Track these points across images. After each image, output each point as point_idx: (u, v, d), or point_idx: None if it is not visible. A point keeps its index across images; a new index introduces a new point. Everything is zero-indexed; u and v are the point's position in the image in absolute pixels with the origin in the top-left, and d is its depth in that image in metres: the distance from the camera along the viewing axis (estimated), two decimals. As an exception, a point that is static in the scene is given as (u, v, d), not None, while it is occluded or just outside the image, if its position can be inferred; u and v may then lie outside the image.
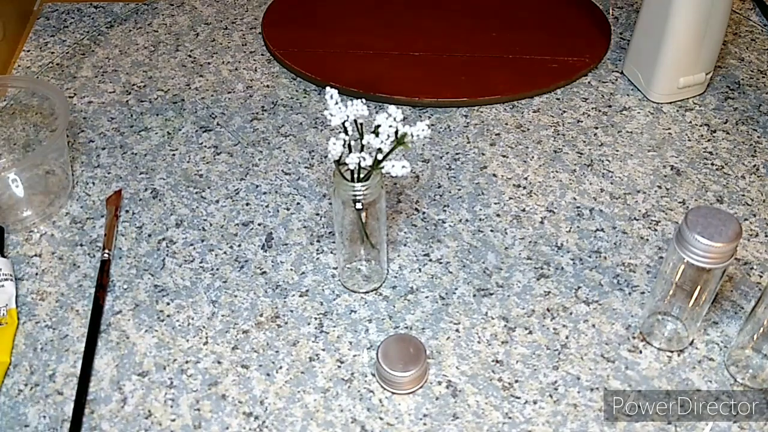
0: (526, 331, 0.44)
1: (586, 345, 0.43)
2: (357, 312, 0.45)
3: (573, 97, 0.62)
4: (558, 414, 0.40)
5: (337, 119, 0.37)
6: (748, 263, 0.48)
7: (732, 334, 0.44)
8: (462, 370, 0.42)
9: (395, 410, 0.40)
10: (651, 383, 0.41)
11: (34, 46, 0.68)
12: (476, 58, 0.65)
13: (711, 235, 0.36)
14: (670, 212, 0.52)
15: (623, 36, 0.69)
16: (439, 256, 0.49)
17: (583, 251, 0.49)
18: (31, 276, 0.48)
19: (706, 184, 0.54)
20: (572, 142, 0.58)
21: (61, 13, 0.72)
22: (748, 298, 0.46)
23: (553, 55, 0.65)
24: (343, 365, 0.42)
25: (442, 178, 0.54)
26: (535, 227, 0.51)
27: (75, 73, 0.65)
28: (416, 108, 0.61)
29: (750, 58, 0.66)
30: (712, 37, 0.58)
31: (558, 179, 0.54)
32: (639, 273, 0.47)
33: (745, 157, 0.56)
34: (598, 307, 0.45)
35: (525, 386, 0.41)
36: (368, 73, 0.63)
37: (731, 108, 0.61)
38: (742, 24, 0.70)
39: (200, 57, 0.67)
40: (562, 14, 0.71)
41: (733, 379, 0.42)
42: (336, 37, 0.67)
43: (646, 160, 0.56)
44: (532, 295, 0.46)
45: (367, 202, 0.41)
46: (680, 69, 0.59)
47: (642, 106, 0.61)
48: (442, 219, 0.51)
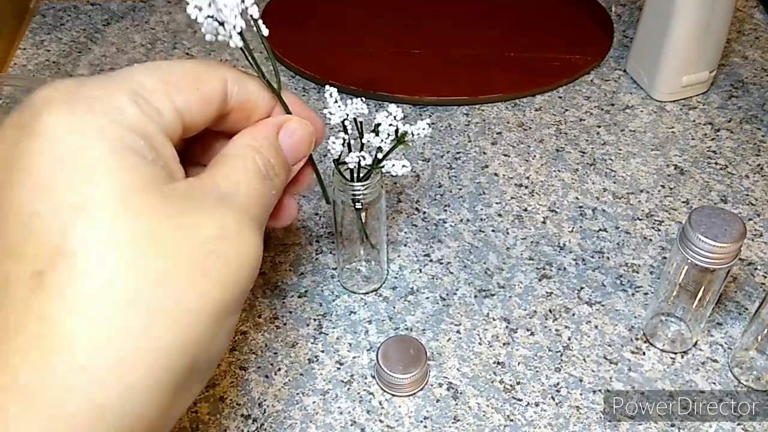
0: (527, 332, 0.44)
1: (588, 346, 0.43)
2: (357, 313, 0.45)
3: (575, 95, 0.62)
4: (560, 416, 0.39)
5: (336, 118, 0.36)
6: (752, 263, 0.47)
7: (736, 336, 0.43)
8: (463, 371, 0.42)
9: (395, 412, 0.40)
10: (654, 385, 0.41)
11: (31, 44, 0.68)
12: (477, 56, 0.64)
13: (715, 235, 0.36)
14: (673, 212, 0.51)
15: (626, 34, 0.68)
16: (439, 257, 0.48)
17: (586, 251, 0.48)
18: (27, 276, 0.47)
19: (710, 183, 0.53)
20: (575, 140, 0.57)
21: (57, 11, 0.72)
22: (753, 299, 0.45)
23: (555, 53, 0.64)
24: (342, 367, 0.42)
25: (442, 178, 0.54)
26: (537, 227, 0.50)
27: (72, 71, 0.64)
28: (417, 106, 0.60)
29: (754, 56, 0.66)
30: (716, 35, 0.57)
31: (560, 178, 0.54)
32: (642, 273, 0.47)
33: (750, 156, 0.55)
34: (601, 308, 0.45)
35: (527, 388, 0.41)
36: (368, 71, 0.62)
37: (735, 107, 0.60)
38: (745, 22, 0.70)
39: (198, 55, 0.66)
40: (564, 12, 0.70)
41: (737, 381, 0.41)
42: (335, 35, 0.67)
43: (649, 159, 0.55)
44: (534, 296, 0.46)
45: (367, 202, 0.40)
46: (684, 67, 0.58)
47: (645, 105, 0.60)
48: (443, 219, 0.51)
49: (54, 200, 0.21)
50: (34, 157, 0.21)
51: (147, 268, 0.21)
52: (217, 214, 0.23)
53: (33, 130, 0.21)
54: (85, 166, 0.21)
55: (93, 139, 0.22)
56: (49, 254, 0.20)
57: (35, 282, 0.20)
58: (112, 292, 0.20)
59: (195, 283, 0.22)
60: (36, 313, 0.20)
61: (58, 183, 0.21)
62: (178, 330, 0.21)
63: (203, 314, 0.22)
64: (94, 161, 0.21)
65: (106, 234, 0.21)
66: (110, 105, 0.23)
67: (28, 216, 0.21)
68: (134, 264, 0.21)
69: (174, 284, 0.21)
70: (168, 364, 0.21)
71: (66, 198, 0.21)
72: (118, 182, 0.21)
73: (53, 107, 0.22)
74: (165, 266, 0.21)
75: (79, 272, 0.20)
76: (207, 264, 0.22)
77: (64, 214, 0.21)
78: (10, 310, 0.20)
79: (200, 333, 0.22)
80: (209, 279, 0.22)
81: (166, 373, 0.21)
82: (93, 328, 0.20)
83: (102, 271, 0.20)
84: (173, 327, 0.21)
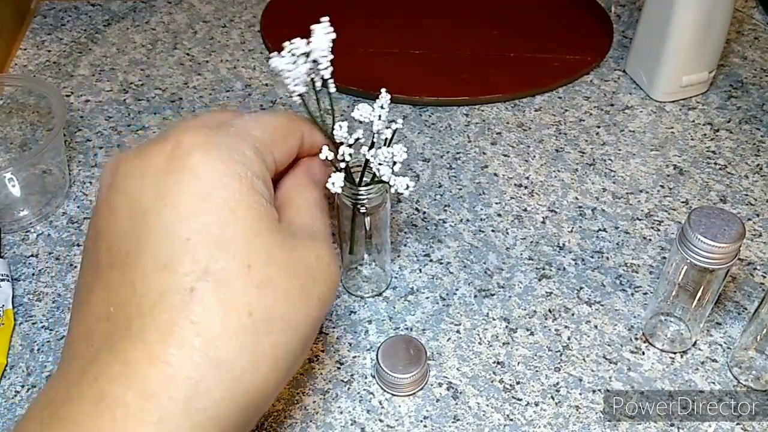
0: (527, 332, 0.44)
1: (588, 346, 0.43)
2: (357, 313, 0.45)
3: (575, 95, 0.62)
4: (560, 416, 0.40)
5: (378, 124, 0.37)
6: (751, 263, 0.48)
7: (735, 335, 0.43)
8: (463, 371, 0.42)
9: (395, 412, 0.40)
10: (653, 385, 0.41)
11: (31, 44, 0.68)
12: (477, 57, 0.64)
13: (714, 235, 0.36)
14: (672, 212, 0.51)
15: (625, 34, 0.68)
16: (439, 257, 0.48)
17: (585, 251, 0.48)
18: (27, 276, 0.47)
19: (709, 183, 0.53)
20: (574, 141, 0.57)
21: (58, 11, 0.72)
22: (752, 299, 0.46)
23: (555, 54, 0.64)
24: (342, 367, 0.42)
25: (442, 178, 0.54)
26: (537, 227, 0.50)
27: (72, 71, 0.65)
28: (417, 107, 0.60)
29: (753, 56, 0.66)
30: (715, 36, 0.57)
31: (560, 179, 0.54)
32: (642, 273, 0.47)
33: (749, 157, 0.56)
34: (601, 308, 0.45)
35: (526, 388, 0.41)
36: (368, 71, 0.62)
37: (734, 107, 0.60)
38: (745, 22, 0.70)
39: (198, 55, 0.66)
40: (563, 12, 0.70)
41: (736, 381, 0.41)
42: (335, 35, 0.67)
43: (648, 160, 0.55)
44: (534, 296, 0.46)
45: (371, 207, 0.40)
46: (683, 67, 0.58)
47: (644, 105, 0.60)
48: (443, 219, 0.51)
49: (202, 229, 0.25)
50: (183, 188, 0.26)
51: (276, 286, 0.26)
52: (313, 247, 0.29)
53: (183, 166, 0.26)
54: (228, 203, 0.26)
55: (233, 182, 0.26)
56: (201, 273, 0.25)
57: (189, 295, 0.25)
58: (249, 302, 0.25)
59: (305, 301, 0.27)
60: (189, 318, 0.24)
61: (206, 216, 0.26)
62: (290, 334, 0.27)
63: (308, 325, 0.28)
64: (235, 201, 0.26)
65: (244, 260, 0.26)
66: (242, 154, 0.28)
67: (184, 241, 0.25)
68: (267, 282, 0.26)
69: (293, 300, 0.27)
70: (282, 362, 0.26)
71: (213, 229, 0.25)
72: (253, 221, 0.26)
73: (199, 150, 0.26)
74: (287, 286, 0.27)
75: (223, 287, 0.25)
76: (310, 286, 0.28)
77: (210, 243, 0.25)
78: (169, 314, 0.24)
79: (302, 340, 0.27)
80: (313, 298, 0.28)
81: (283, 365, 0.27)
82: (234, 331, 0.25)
83: (241, 288, 0.25)
84: (287, 331, 0.26)
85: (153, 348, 0.24)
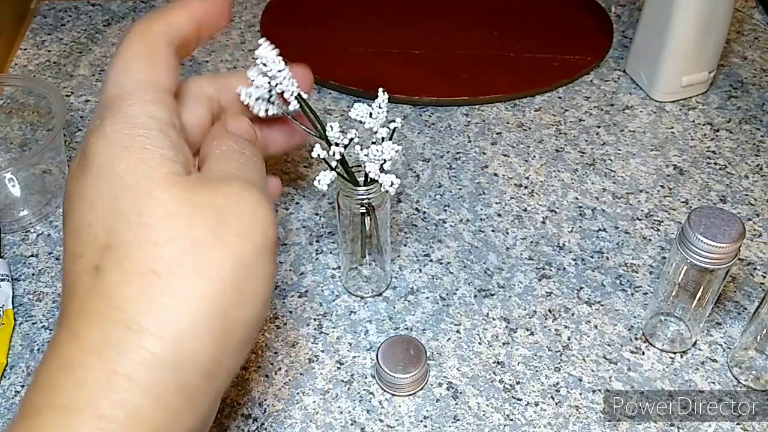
0: (527, 332, 0.44)
1: (588, 346, 0.43)
2: (357, 313, 0.45)
3: (575, 95, 0.62)
4: (560, 416, 0.40)
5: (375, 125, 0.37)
6: (751, 263, 0.48)
7: (735, 335, 0.43)
8: (463, 371, 0.42)
9: (395, 412, 0.40)
10: (653, 384, 0.41)
11: (31, 44, 0.68)
12: (477, 57, 0.64)
13: (714, 235, 0.36)
14: (672, 212, 0.51)
15: (625, 34, 0.68)
16: (439, 257, 0.48)
17: (585, 251, 0.48)
18: (27, 276, 0.47)
19: (709, 183, 0.53)
20: (574, 141, 0.57)
21: (58, 11, 0.72)
22: (752, 299, 0.46)
23: (555, 54, 0.64)
24: (342, 367, 0.42)
25: (442, 178, 0.54)
26: (537, 227, 0.50)
27: (72, 71, 0.65)
28: (416, 107, 0.60)
29: (753, 56, 0.66)
30: (716, 36, 0.57)
31: (560, 179, 0.54)
32: (642, 273, 0.47)
33: (749, 157, 0.56)
34: (601, 308, 0.45)
35: (526, 388, 0.41)
36: (368, 71, 0.62)
37: (734, 107, 0.60)
38: (745, 22, 0.70)
39: (198, 55, 0.66)
40: (563, 12, 0.70)
41: (736, 381, 0.41)
42: (335, 36, 0.67)
43: (648, 160, 0.55)
44: (534, 296, 0.46)
45: (371, 206, 0.40)
46: (683, 67, 0.58)
47: (645, 105, 0.60)
48: (443, 219, 0.51)
49: (100, 211, 0.27)
50: (87, 180, 0.28)
51: (179, 238, 0.26)
52: (222, 187, 0.29)
53: (87, 164, 0.28)
54: (119, 176, 0.27)
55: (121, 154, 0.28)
56: (101, 250, 0.26)
57: (95, 274, 0.26)
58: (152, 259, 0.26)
59: (217, 243, 0.27)
60: (97, 292, 0.26)
61: (102, 199, 0.27)
62: (213, 281, 0.26)
63: (234, 266, 0.27)
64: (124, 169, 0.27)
65: (140, 222, 0.27)
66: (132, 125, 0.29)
67: (86, 226, 0.27)
68: (168, 237, 0.26)
69: (203, 246, 0.27)
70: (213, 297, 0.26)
71: (107, 205, 0.27)
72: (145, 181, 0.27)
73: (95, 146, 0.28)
74: (195, 234, 0.27)
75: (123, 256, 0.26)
76: (220, 227, 0.27)
77: (107, 219, 0.27)
78: (79, 298, 0.26)
79: (232, 283, 0.27)
80: (227, 237, 0.27)
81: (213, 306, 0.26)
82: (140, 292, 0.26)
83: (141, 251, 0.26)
84: (204, 277, 0.26)
85: (74, 327, 0.26)
